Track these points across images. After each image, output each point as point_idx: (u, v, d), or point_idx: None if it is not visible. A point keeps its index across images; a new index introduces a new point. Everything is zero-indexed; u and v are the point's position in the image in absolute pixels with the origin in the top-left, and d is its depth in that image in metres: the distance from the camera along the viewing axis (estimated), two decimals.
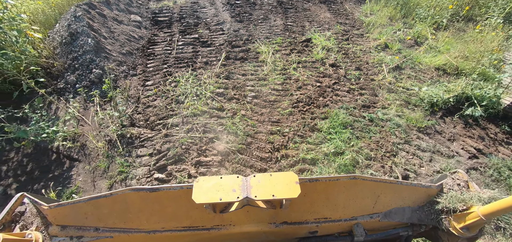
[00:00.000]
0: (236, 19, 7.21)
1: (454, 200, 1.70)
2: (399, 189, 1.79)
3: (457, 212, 1.68)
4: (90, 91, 4.38)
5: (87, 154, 3.55)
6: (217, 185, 1.48)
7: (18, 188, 3.21)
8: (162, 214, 1.73)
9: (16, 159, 3.53)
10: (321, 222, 1.87)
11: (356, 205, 1.82)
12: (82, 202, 1.64)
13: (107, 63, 4.72)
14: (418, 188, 1.79)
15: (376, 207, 1.85)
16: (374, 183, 1.72)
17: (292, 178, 1.50)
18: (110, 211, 1.69)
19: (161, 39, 6.27)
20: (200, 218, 1.78)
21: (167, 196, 1.62)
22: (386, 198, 1.81)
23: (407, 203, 1.85)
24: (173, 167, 3.38)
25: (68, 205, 1.64)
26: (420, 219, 1.86)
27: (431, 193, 1.83)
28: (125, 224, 1.76)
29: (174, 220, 1.77)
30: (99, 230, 1.75)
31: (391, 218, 1.87)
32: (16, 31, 3.59)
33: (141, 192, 1.60)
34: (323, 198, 1.76)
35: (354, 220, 1.87)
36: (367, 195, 1.79)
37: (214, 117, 4.08)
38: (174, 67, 5.23)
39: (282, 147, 3.66)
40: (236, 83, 4.80)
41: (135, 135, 3.78)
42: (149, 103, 4.33)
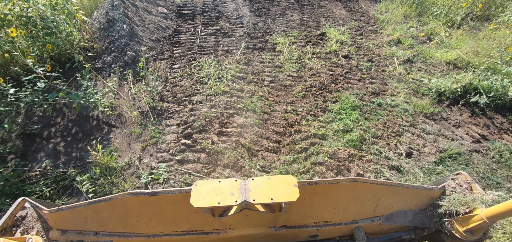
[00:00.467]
0: (255, 14, 7.64)
1: (457, 203, 1.67)
2: (400, 192, 1.77)
3: (460, 215, 1.65)
4: (124, 70, 4.91)
5: (123, 121, 4.05)
6: (215, 189, 1.48)
7: (65, 145, 3.74)
8: (161, 218, 1.74)
9: (63, 123, 4.07)
10: (322, 225, 1.86)
11: (357, 209, 1.81)
12: (82, 207, 1.65)
13: (140, 47, 5.25)
14: (420, 190, 1.76)
15: (378, 210, 1.83)
16: (375, 186, 1.71)
17: (291, 181, 1.50)
18: (109, 215, 1.71)
19: (186, 29, 6.78)
20: (199, 222, 1.78)
21: (166, 200, 1.63)
22: (388, 201, 1.80)
23: (409, 206, 1.83)
24: (198, 135, 3.82)
25: (68, 210, 1.65)
26: (423, 222, 1.84)
27: (433, 196, 1.80)
28: (124, 228, 1.77)
29: (173, 224, 1.78)
30: (99, 235, 1.77)
31: (393, 221, 1.85)
32: (68, 13, 4.16)
33: (140, 196, 1.60)
34: (323, 201, 1.75)
35: (355, 224, 1.86)
36: (368, 198, 1.77)
37: (234, 97, 4.50)
38: (197, 54, 5.70)
39: (296, 123, 4.02)
40: (255, 69, 5.21)
41: (164, 108, 4.26)
42: (176, 83, 4.81)
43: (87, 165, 3.41)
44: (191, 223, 1.78)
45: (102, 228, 1.76)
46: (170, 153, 3.61)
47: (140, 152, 3.66)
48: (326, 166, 3.41)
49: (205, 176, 3.31)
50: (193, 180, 3.28)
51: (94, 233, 1.76)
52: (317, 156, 3.53)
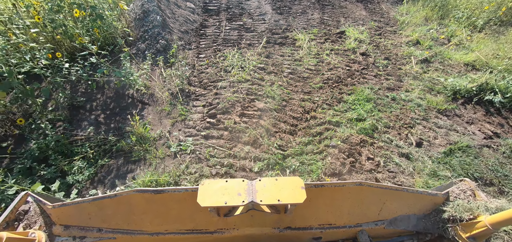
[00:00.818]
0: (277, 12, 7.97)
1: (461, 209, 1.67)
2: (405, 197, 1.77)
3: (464, 221, 1.65)
4: (156, 57, 5.39)
5: (155, 100, 4.51)
6: (222, 188, 1.48)
7: (105, 118, 4.23)
8: (166, 216, 1.74)
9: (102, 99, 4.57)
10: (325, 228, 1.85)
11: (361, 212, 1.81)
12: (86, 203, 1.65)
13: (171, 36, 5.73)
14: (424, 195, 1.77)
15: (382, 214, 1.83)
16: (380, 190, 1.71)
17: (298, 183, 1.49)
18: (114, 212, 1.71)
19: (211, 24, 7.23)
20: (204, 221, 1.78)
21: (171, 198, 1.63)
22: (392, 205, 1.80)
23: (412, 210, 1.83)
24: (221, 116, 4.20)
25: (72, 205, 1.65)
26: (426, 228, 1.83)
27: (437, 201, 1.80)
28: (128, 226, 1.76)
29: (177, 223, 1.78)
30: (102, 231, 1.75)
31: (396, 225, 1.85)
32: (113, 2, 4.69)
33: (145, 193, 1.60)
34: (328, 204, 1.75)
35: (358, 227, 1.85)
36: (372, 201, 1.78)
37: (255, 85, 4.85)
38: (222, 46, 6.11)
39: (312, 111, 4.31)
40: (275, 61, 5.54)
41: (191, 91, 4.68)
42: (202, 70, 5.23)
43: (124, 134, 3.87)
44: (196, 222, 1.78)
45: (105, 224, 1.75)
46: (196, 129, 4.01)
47: (170, 127, 4.08)
48: (338, 148, 3.68)
49: (228, 150, 3.68)
50: (216, 153, 3.65)
51: (97, 229, 1.75)
52: (330, 140, 3.81)
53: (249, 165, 3.50)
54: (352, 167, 3.47)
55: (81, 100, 4.25)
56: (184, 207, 1.68)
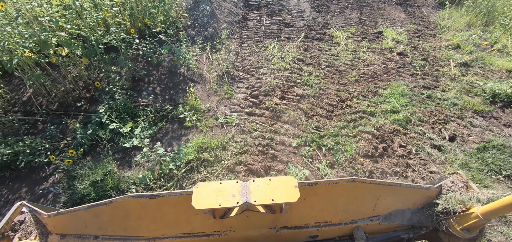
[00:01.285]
0: (315, 10, 8.26)
1: (453, 202, 1.70)
2: (398, 191, 1.80)
3: (457, 213, 1.68)
4: (204, 43, 5.94)
5: (203, 80, 5.04)
6: (216, 190, 1.49)
7: (160, 90, 4.81)
8: (162, 221, 1.74)
9: (157, 75, 5.18)
10: (322, 226, 1.87)
11: (356, 208, 1.83)
12: (82, 211, 1.64)
13: (218, 25, 6.27)
14: (417, 189, 1.80)
15: (376, 209, 1.85)
16: (373, 186, 1.74)
17: (291, 182, 1.51)
18: (110, 218, 1.71)
19: (252, 18, 7.70)
20: (201, 224, 1.78)
21: (167, 202, 1.63)
22: (386, 200, 1.82)
23: (407, 205, 1.86)
24: (263, 97, 4.62)
25: (67, 214, 1.64)
26: (421, 221, 1.86)
27: (430, 195, 1.83)
28: (125, 232, 1.76)
29: (174, 227, 1.78)
30: (98, 238, 1.74)
31: (392, 220, 1.87)
32: None
33: (141, 199, 1.60)
34: (323, 201, 1.77)
35: (354, 224, 1.88)
36: (366, 198, 1.80)
37: (294, 73, 5.22)
38: (263, 38, 6.54)
39: (347, 100, 4.59)
40: (313, 54, 5.87)
41: (236, 75, 5.16)
42: (245, 57, 5.70)
43: (178, 105, 4.43)
44: (192, 225, 1.78)
45: (102, 232, 1.75)
46: (240, 106, 4.47)
47: (217, 102, 4.58)
48: (372, 134, 3.94)
49: (269, 126, 4.08)
50: (259, 127, 4.07)
51: (94, 237, 1.75)
52: (364, 127, 4.07)
53: (288, 140, 3.88)
54: (384, 152, 3.72)
55: (142, 74, 4.88)
56: (180, 210, 1.69)
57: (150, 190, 3.26)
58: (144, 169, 3.52)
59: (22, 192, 3.43)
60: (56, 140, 3.81)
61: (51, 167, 3.59)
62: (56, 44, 3.52)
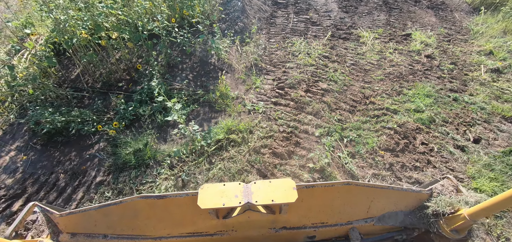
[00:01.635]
0: (343, 10, 8.34)
1: (443, 204, 1.78)
2: (391, 194, 1.86)
3: (446, 215, 1.77)
4: (233, 36, 6.26)
5: (232, 70, 5.34)
6: (220, 191, 1.57)
7: (193, 77, 5.17)
8: (168, 220, 1.81)
9: (190, 63, 5.55)
10: (319, 227, 1.94)
11: (351, 210, 1.90)
12: (93, 210, 1.71)
13: (247, 21, 6.57)
14: (409, 193, 1.87)
15: (370, 211, 1.92)
16: (367, 188, 1.81)
17: (290, 184, 1.59)
18: (119, 218, 1.77)
19: (280, 15, 7.93)
20: (204, 224, 1.85)
21: (173, 203, 1.70)
22: (379, 202, 1.89)
23: (399, 207, 1.92)
24: (289, 89, 4.84)
25: (78, 213, 1.72)
26: (413, 223, 1.93)
27: (421, 198, 1.90)
28: (133, 231, 1.84)
29: (179, 227, 1.86)
30: (107, 237, 1.81)
31: (385, 222, 1.94)
32: None
33: (149, 199, 1.66)
34: (320, 203, 1.83)
35: (349, 225, 1.95)
36: (361, 200, 1.87)
37: (319, 69, 5.39)
38: (290, 35, 6.75)
39: (371, 97, 4.70)
40: (339, 52, 5.99)
41: (263, 67, 5.41)
42: (272, 52, 5.94)
43: (209, 90, 4.75)
44: (197, 225, 1.85)
45: (111, 231, 1.82)
46: (266, 96, 4.72)
47: (245, 91, 4.86)
48: (394, 130, 4.04)
49: (293, 116, 4.30)
50: (284, 116, 4.30)
51: (103, 236, 1.82)
52: (387, 123, 4.17)
53: (311, 130, 4.08)
54: (405, 147, 3.81)
55: (177, 60, 5.26)
56: (186, 211, 1.76)
57: (183, 163, 3.59)
58: (177, 144, 3.87)
59: (71, 155, 3.90)
60: (101, 113, 4.27)
61: (96, 136, 4.03)
62: (107, 28, 3.94)
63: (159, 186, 3.31)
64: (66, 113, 4.06)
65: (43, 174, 3.71)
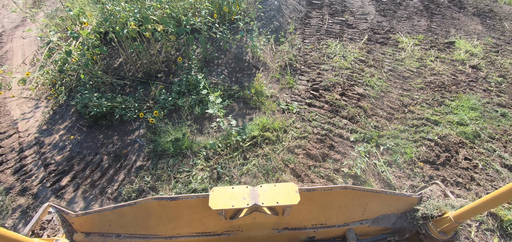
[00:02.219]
0: (380, 14, 8.08)
1: (431, 207, 1.92)
2: (384, 198, 2.01)
3: (434, 218, 1.91)
4: (269, 35, 6.29)
5: (267, 68, 5.38)
6: (229, 194, 1.69)
7: (228, 73, 5.27)
8: (179, 221, 1.90)
9: (225, 59, 5.66)
10: (318, 228, 2.07)
11: (348, 213, 2.04)
12: (108, 211, 1.79)
13: (283, 20, 6.57)
14: (401, 197, 2.02)
15: (365, 214, 2.06)
16: (362, 193, 1.95)
17: (293, 188, 1.72)
18: (133, 218, 1.85)
19: (314, 16, 7.84)
20: (212, 224, 1.95)
21: (184, 204, 1.80)
22: (374, 206, 2.03)
23: (392, 210, 2.08)
24: (323, 91, 4.79)
25: (94, 214, 1.80)
26: (404, 225, 2.09)
27: (412, 202, 2.05)
28: (145, 231, 1.92)
29: (189, 227, 1.95)
30: (120, 237, 1.88)
31: (379, 224, 2.09)
32: None
33: (162, 200, 1.76)
34: (319, 205, 1.96)
35: (346, 226, 2.08)
36: (357, 203, 2.00)
37: (355, 73, 5.28)
38: (325, 36, 6.66)
39: (410, 105, 4.53)
40: (376, 57, 5.83)
41: (297, 68, 5.40)
42: (307, 53, 5.90)
43: (244, 86, 4.82)
44: (205, 225, 1.95)
45: (124, 230, 1.90)
46: (301, 97, 4.70)
47: (279, 90, 4.88)
48: (435, 142, 3.87)
49: (328, 118, 4.25)
50: (318, 118, 4.27)
51: (116, 235, 1.90)
52: (427, 134, 4.01)
53: (346, 134, 4.01)
54: (446, 161, 3.64)
55: (214, 55, 5.39)
56: (195, 212, 1.86)
57: (218, 156, 3.69)
58: (212, 137, 3.98)
59: (114, 139, 4.14)
60: (142, 102, 4.49)
61: (137, 122, 4.25)
62: (153, 20, 4.13)
63: (196, 176, 3.43)
64: (111, 99, 4.31)
65: (89, 154, 3.97)
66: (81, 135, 4.26)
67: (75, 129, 4.37)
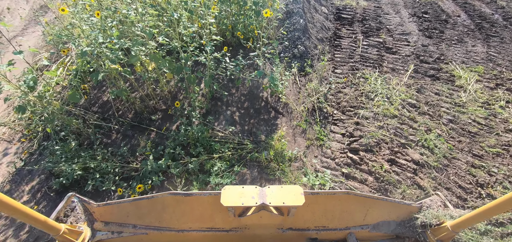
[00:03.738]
0: (424, 34, 6.73)
1: (430, 216, 1.96)
2: (385, 205, 2.04)
3: (433, 226, 1.94)
4: (291, 62, 5.11)
5: (289, 112, 4.22)
6: (239, 193, 1.76)
7: (239, 116, 4.15)
8: (191, 215, 2.00)
9: (237, 95, 4.54)
10: (320, 230, 2.14)
11: (349, 217, 2.08)
12: (127, 202, 1.91)
13: (309, 43, 5.37)
14: (401, 205, 2.06)
15: (366, 219, 2.10)
16: (364, 198, 1.99)
17: (298, 190, 1.78)
18: (149, 211, 1.96)
19: (345, 34, 6.59)
20: (222, 221, 2.04)
21: (197, 200, 1.89)
22: (375, 212, 2.07)
23: (392, 217, 2.11)
24: (365, 154, 3.59)
25: (114, 205, 1.93)
26: (403, 232, 2.12)
27: (412, 210, 2.09)
28: (159, 223, 2.02)
29: (200, 222, 2.04)
30: (136, 227, 2.01)
31: (379, 229, 2.14)
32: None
33: (177, 196, 1.86)
34: (322, 209, 2.03)
35: (347, 230, 2.14)
36: (358, 208, 2.05)
37: (405, 125, 4.04)
38: (359, 64, 5.42)
39: (487, 186, 3.28)
40: (429, 99, 4.55)
41: (329, 113, 4.21)
42: (339, 89, 4.70)
43: (259, 143, 3.70)
44: (215, 221, 2.05)
45: (140, 221, 2.01)
46: (335, 162, 3.53)
47: (305, 149, 3.72)
48: None
49: None
50: None
51: (132, 225, 2.01)
52: None
53: None
54: None
55: (222, 93, 4.29)
56: (207, 208, 1.94)
57: None
58: None
59: None
60: (126, 162, 3.44)
61: (116, 194, 3.21)
62: (144, 54, 3.06)
63: None
64: (86, 159, 3.28)
65: None
66: (48, 204, 3.27)
67: (41, 193, 3.39)
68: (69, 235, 1.73)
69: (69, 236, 1.73)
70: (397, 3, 8.62)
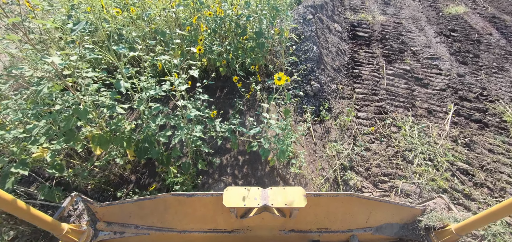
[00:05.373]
0: (457, 59, 5.67)
1: (434, 219, 1.92)
2: (388, 208, 1.99)
3: (436, 230, 1.90)
4: (301, 102, 4.04)
5: (303, 184, 3.15)
6: (242, 194, 1.74)
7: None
8: (193, 216, 1.95)
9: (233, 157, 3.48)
10: (322, 232, 2.09)
11: (352, 219, 2.03)
12: (129, 203, 1.85)
13: (324, 76, 4.28)
14: (404, 207, 2.02)
15: (369, 221, 2.05)
16: (367, 201, 1.95)
17: (301, 192, 1.76)
18: (151, 211, 1.91)
19: (364, 59, 5.52)
20: (224, 222, 1.99)
21: (199, 201, 1.85)
22: (378, 214, 2.02)
23: (395, 220, 2.06)
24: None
25: (116, 205, 1.86)
26: (407, 235, 2.05)
27: (415, 213, 2.04)
28: (161, 224, 1.97)
29: (202, 223, 1.99)
30: (138, 228, 1.95)
31: (382, 232, 2.07)
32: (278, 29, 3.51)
33: (180, 196, 1.81)
34: (325, 211, 1.99)
35: (350, 232, 2.09)
36: (361, 211, 2.00)
37: (459, 205, 2.99)
38: (387, 103, 4.36)
39: None
40: (483, 160, 3.50)
41: (356, 185, 3.14)
42: (366, 145, 3.63)
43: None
44: (217, 222, 2.01)
45: (142, 222, 1.96)
46: None
47: None
48: None
49: None
50: None
51: (134, 226, 1.96)
52: None
53: None
54: None
55: (216, 162, 3.20)
56: (209, 209, 1.90)
57: None
58: None
59: None
60: None
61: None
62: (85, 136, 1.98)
63: None
64: None
65: None
66: None
67: None
68: (72, 234, 1.68)
69: (72, 235, 1.68)
70: (419, 18, 7.55)
